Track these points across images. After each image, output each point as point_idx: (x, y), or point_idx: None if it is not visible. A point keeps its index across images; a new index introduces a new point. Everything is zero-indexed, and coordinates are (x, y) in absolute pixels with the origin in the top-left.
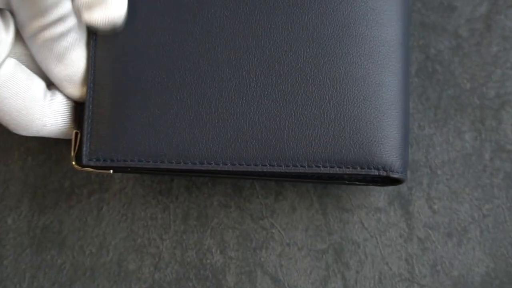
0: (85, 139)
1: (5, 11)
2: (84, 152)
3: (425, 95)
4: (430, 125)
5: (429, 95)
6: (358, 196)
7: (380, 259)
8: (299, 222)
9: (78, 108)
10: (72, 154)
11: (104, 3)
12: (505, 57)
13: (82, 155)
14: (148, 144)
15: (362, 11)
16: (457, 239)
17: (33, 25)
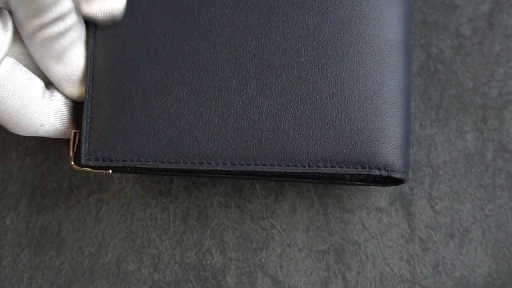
0: (84, 139)
1: (3, 10)
2: (83, 152)
3: (427, 94)
4: (431, 124)
5: (431, 94)
6: (359, 196)
7: (381, 259)
8: (299, 223)
9: (76, 108)
10: (70, 154)
11: None
12: (508, 56)
13: (80, 155)
14: (147, 144)
15: (363, 10)
16: (459, 239)
17: (32, 24)
